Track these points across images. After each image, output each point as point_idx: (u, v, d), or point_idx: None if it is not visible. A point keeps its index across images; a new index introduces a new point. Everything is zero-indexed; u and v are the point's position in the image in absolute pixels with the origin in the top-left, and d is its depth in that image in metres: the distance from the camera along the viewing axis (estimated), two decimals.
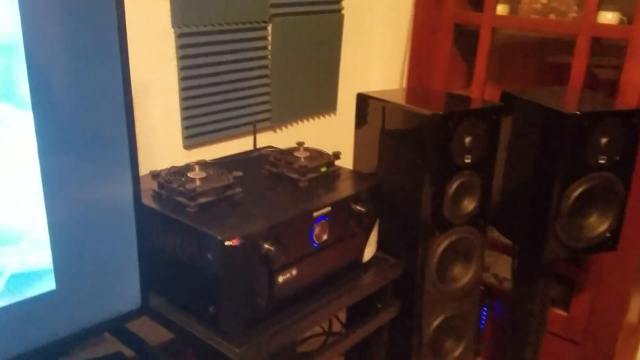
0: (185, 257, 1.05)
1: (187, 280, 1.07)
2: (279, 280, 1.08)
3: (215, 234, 0.98)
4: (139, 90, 1.47)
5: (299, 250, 1.11)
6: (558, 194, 1.32)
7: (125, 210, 1.00)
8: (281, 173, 1.26)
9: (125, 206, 1.00)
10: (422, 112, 1.26)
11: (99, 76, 0.92)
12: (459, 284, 1.42)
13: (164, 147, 1.56)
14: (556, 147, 1.31)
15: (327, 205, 1.14)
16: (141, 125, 1.50)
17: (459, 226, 1.36)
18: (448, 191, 1.30)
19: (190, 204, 1.06)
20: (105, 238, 0.99)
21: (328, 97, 1.99)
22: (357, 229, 1.23)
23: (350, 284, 1.23)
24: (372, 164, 1.43)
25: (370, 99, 1.41)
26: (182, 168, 1.17)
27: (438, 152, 1.26)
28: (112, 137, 0.96)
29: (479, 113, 1.29)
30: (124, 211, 1.00)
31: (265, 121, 1.79)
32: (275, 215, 1.07)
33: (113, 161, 0.97)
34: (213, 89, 1.61)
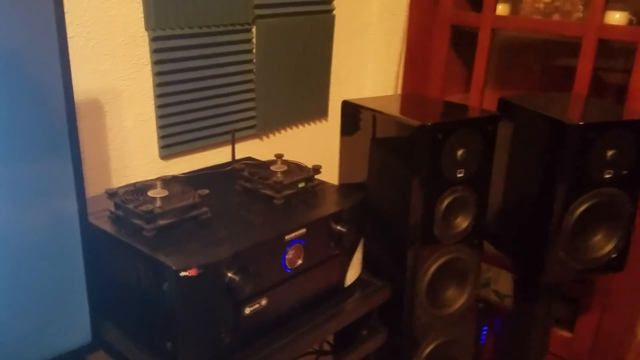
0: (141, 287, 0.95)
1: (144, 313, 0.97)
2: (246, 312, 0.98)
3: (169, 263, 0.88)
4: (111, 98, 1.38)
5: (269, 277, 1.00)
6: (559, 211, 1.21)
7: (69, 233, 0.90)
8: (255, 189, 1.16)
9: (70, 229, 0.90)
10: (410, 123, 1.15)
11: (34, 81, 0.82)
12: (453, 307, 1.31)
13: (139, 158, 1.47)
14: (558, 160, 1.19)
15: (301, 226, 1.03)
16: (113, 134, 1.41)
17: (451, 245, 1.25)
18: (439, 208, 1.19)
19: (147, 227, 0.96)
20: (47, 265, 0.89)
21: (318, 103, 1.88)
22: (337, 251, 1.12)
23: (329, 312, 1.12)
24: (358, 177, 1.33)
25: (357, 107, 1.30)
26: (142, 185, 1.06)
27: (427, 166, 1.15)
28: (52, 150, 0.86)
29: (472, 123, 1.17)
30: (69, 235, 0.90)
31: (249, 129, 1.69)
32: (242, 239, 0.97)
33: (53, 177, 0.87)
34: (191, 95, 1.50)
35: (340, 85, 1.95)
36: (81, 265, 0.94)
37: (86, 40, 1.28)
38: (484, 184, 1.24)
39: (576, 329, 1.65)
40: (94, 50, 1.30)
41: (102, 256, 1.00)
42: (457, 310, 1.31)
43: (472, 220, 1.25)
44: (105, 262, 1.00)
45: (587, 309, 1.61)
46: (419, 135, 1.13)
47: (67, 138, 0.89)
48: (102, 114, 1.38)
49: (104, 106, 1.38)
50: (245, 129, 1.67)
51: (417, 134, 1.13)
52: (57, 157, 0.87)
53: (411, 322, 1.25)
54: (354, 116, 1.31)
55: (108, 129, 1.40)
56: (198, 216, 1.03)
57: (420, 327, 1.27)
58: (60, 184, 0.88)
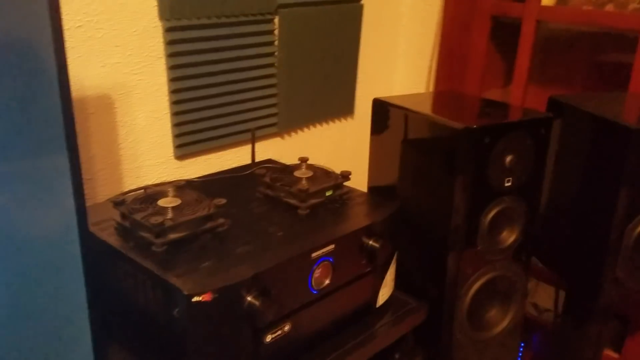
0: (148, 309, 0.83)
1: (151, 337, 0.85)
2: (267, 340, 0.86)
3: (181, 286, 0.76)
4: (122, 93, 1.27)
5: (293, 300, 0.88)
6: (620, 225, 1.07)
7: (68, 245, 0.79)
8: (277, 197, 1.04)
9: (69, 240, 0.79)
10: (453, 125, 1.01)
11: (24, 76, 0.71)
12: (496, 330, 1.17)
13: (152, 158, 1.36)
14: (617, 169, 1.05)
15: (330, 242, 0.91)
16: (125, 133, 1.30)
17: (496, 262, 1.12)
18: (483, 221, 1.06)
19: (156, 241, 0.85)
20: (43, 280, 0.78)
21: (344, 100, 1.75)
22: (369, 268, 1.00)
23: (359, 337, 1.00)
24: (389, 183, 1.20)
25: (390, 106, 1.17)
26: (152, 193, 0.95)
27: (472, 173, 1.02)
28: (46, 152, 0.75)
29: (523, 126, 1.04)
30: (67, 247, 0.78)
31: (270, 127, 1.57)
32: (263, 257, 0.85)
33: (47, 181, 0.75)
34: (208, 91, 1.39)
35: (368, 81, 1.82)
36: (82, 280, 0.83)
37: (94, 30, 1.17)
38: (535, 194, 1.11)
39: (625, 349, 1.50)
40: (103, 41, 1.19)
41: (106, 271, 0.89)
42: (500, 334, 1.18)
43: (519, 234, 1.12)
44: (110, 278, 0.89)
45: (637, 328, 1.47)
46: (463, 140, 1.00)
47: (64, 139, 0.77)
48: (112, 111, 1.28)
49: (115, 102, 1.28)
50: (265, 127, 1.56)
51: (461, 137, 1.00)
52: (52, 160, 0.76)
53: (450, 346, 1.13)
54: (386, 115, 1.18)
55: (119, 127, 1.30)
56: (214, 229, 0.91)
57: (460, 351, 1.14)
58: (56, 189, 0.77)
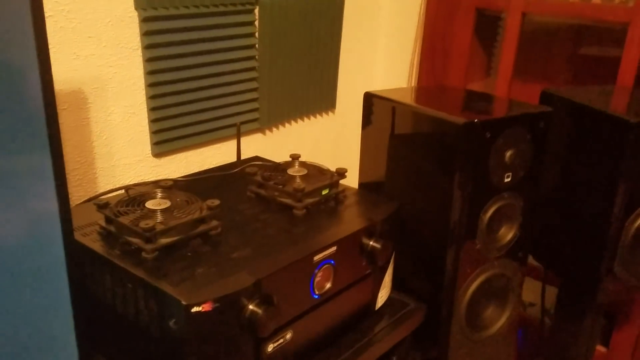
0: (140, 321, 0.77)
1: (145, 352, 0.79)
2: (269, 350, 0.81)
3: (178, 296, 0.70)
4: (96, 88, 1.19)
5: (295, 307, 0.83)
6: (618, 220, 1.06)
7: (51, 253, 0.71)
8: (271, 197, 0.98)
9: (51, 247, 0.71)
10: (453, 120, 0.98)
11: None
12: (492, 329, 1.15)
13: (129, 156, 1.28)
14: (615, 164, 1.04)
15: (332, 244, 0.86)
16: (99, 129, 1.22)
17: (493, 260, 1.09)
18: (483, 218, 1.03)
19: (146, 247, 0.78)
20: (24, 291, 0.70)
21: (326, 94, 1.70)
22: (369, 270, 0.96)
23: (360, 342, 0.96)
24: (382, 181, 1.16)
25: (382, 100, 1.13)
26: (138, 195, 0.88)
27: (472, 170, 0.98)
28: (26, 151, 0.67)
29: (524, 120, 1.01)
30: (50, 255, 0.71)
31: (252, 122, 1.51)
32: (263, 262, 0.79)
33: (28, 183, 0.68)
34: (187, 85, 1.32)
35: (350, 75, 1.78)
36: (65, 291, 0.76)
37: (66, 20, 1.09)
38: (532, 189, 1.08)
39: (612, 343, 1.51)
40: (76, 32, 1.11)
41: (91, 280, 0.82)
42: (497, 332, 1.15)
43: (517, 231, 1.09)
44: (95, 288, 0.82)
45: (625, 322, 1.47)
46: (463, 135, 0.96)
47: (46, 135, 0.70)
48: (85, 106, 1.20)
49: (88, 97, 1.19)
50: (247, 122, 1.49)
51: (461, 133, 0.96)
52: (33, 160, 0.69)
53: (447, 347, 1.09)
54: (378, 110, 1.14)
55: (93, 123, 1.21)
56: (207, 232, 0.85)
57: (457, 351, 1.11)
58: (37, 191, 0.70)
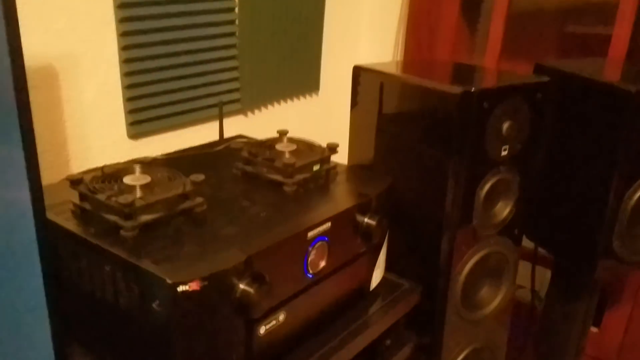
0: (121, 304, 0.70)
1: (125, 337, 0.73)
2: (261, 332, 0.75)
3: (162, 274, 0.64)
4: (67, 64, 1.12)
5: (289, 286, 0.78)
6: (615, 196, 1.03)
7: (22, 234, 0.65)
8: (259, 174, 0.92)
9: (23, 228, 0.65)
10: (449, 90, 0.93)
11: None
12: (488, 309, 1.11)
13: (103, 138, 1.21)
14: (614, 135, 1.01)
15: (326, 220, 0.81)
16: (71, 109, 1.15)
17: (489, 238, 1.06)
18: (479, 193, 0.99)
19: (125, 225, 0.72)
20: None
21: (309, 75, 1.65)
22: (364, 248, 0.91)
23: (355, 324, 0.91)
24: (374, 160, 1.11)
25: (371, 73, 1.07)
26: (116, 170, 0.82)
27: (468, 142, 0.94)
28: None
29: (522, 90, 0.97)
30: (20, 235, 0.65)
31: (234, 103, 1.45)
32: (254, 238, 0.74)
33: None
34: (165, 61, 1.25)
35: (333, 56, 1.72)
36: (38, 275, 0.70)
37: None
38: (530, 162, 1.04)
39: (604, 324, 1.49)
40: (46, 3, 1.04)
41: (66, 263, 0.76)
42: (492, 312, 1.12)
43: (513, 207, 1.05)
44: (71, 270, 0.76)
45: (617, 302, 1.46)
46: (461, 105, 0.92)
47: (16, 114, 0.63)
48: (56, 84, 1.12)
49: (59, 74, 1.12)
50: (229, 103, 1.43)
51: (458, 103, 0.92)
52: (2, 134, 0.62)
53: (443, 327, 1.05)
54: (367, 84, 1.08)
55: (64, 102, 1.14)
56: (191, 209, 0.79)
57: (452, 332, 1.07)
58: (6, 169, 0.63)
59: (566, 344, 1.27)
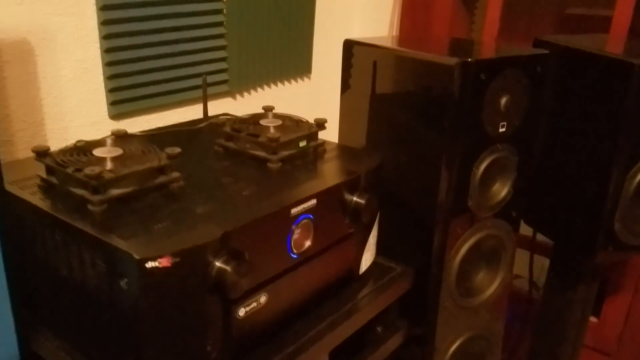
0: (88, 284, 0.65)
1: (93, 319, 0.68)
2: (240, 314, 0.70)
3: (129, 249, 0.59)
4: (43, 38, 1.07)
5: (271, 266, 0.73)
6: (618, 175, 0.98)
7: None
8: (242, 150, 0.87)
9: None
10: (445, 61, 0.88)
11: None
12: (484, 295, 1.06)
13: (82, 117, 1.16)
14: (616, 112, 0.96)
15: (310, 197, 0.75)
16: (48, 86, 1.09)
17: (485, 220, 1.01)
18: (475, 173, 0.94)
19: (93, 199, 0.66)
20: None
21: (300, 57, 1.59)
22: (352, 229, 0.86)
23: (343, 308, 0.86)
24: (365, 138, 1.05)
25: (363, 46, 1.02)
26: (87, 144, 0.76)
27: (464, 117, 0.89)
28: None
29: (521, 62, 0.92)
30: None
31: (221, 84, 1.39)
32: (232, 214, 0.69)
33: None
34: (148, 38, 1.20)
35: (325, 33, 1.66)
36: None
37: None
38: (529, 140, 0.99)
39: (603, 313, 1.44)
40: None
41: (30, 240, 0.70)
42: (489, 299, 1.07)
43: (511, 187, 1.00)
44: (35, 248, 0.70)
45: (617, 292, 1.41)
46: (457, 77, 0.86)
47: None
48: (32, 59, 1.07)
49: (35, 49, 1.07)
50: (216, 84, 1.38)
51: (454, 75, 0.86)
52: None
53: (437, 315, 1.01)
54: (359, 58, 1.03)
55: (41, 79, 1.09)
56: (167, 184, 0.74)
57: (447, 319, 1.02)
58: None
59: (565, 333, 1.22)
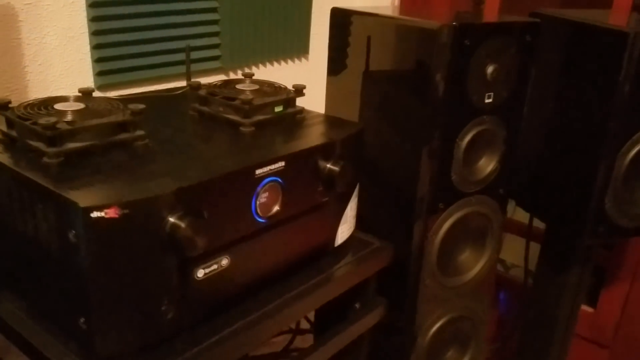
0: (39, 238, 0.63)
1: (47, 276, 0.66)
2: (198, 275, 0.68)
3: (76, 198, 0.57)
4: (28, 4, 1.05)
5: (233, 228, 0.70)
6: (609, 152, 0.94)
7: None
8: (215, 114, 0.85)
9: None
10: (427, 26, 0.85)
11: None
12: (468, 275, 1.03)
13: (67, 86, 1.15)
14: (609, 84, 0.91)
15: (278, 159, 0.73)
16: (32, 52, 1.08)
17: (470, 196, 0.97)
18: (459, 145, 0.91)
19: (49, 151, 0.65)
20: None
21: (298, 36, 1.56)
22: (326, 197, 0.83)
23: (314, 279, 0.83)
24: (351, 112, 1.03)
25: (350, 13, 0.99)
26: (52, 98, 0.75)
27: (447, 85, 0.86)
28: None
29: (508, 29, 0.88)
30: None
31: (212, 60, 1.37)
32: (191, 171, 0.66)
33: None
34: (136, 8, 1.18)
35: (323, 17, 1.63)
36: None
37: None
38: (517, 114, 0.96)
39: (600, 303, 1.40)
40: None
41: None
42: (473, 279, 1.04)
43: (498, 162, 0.97)
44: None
45: (614, 279, 1.36)
46: (439, 40, 0.83)
47: None
48: (15, 25, 1.06)
49: (19, 14, 1.06)
50: (206, 60, 1.36)
51: (436, 39, 0.83)
52: None
53: (417, 293, 0.97)
54: (346, 27, 1.00)
55: (25, 45, 1.08)
56: (129, 142, 0.72)
57: (428, 300, 0.99)
58: None
59: (555, 320, 1.18)
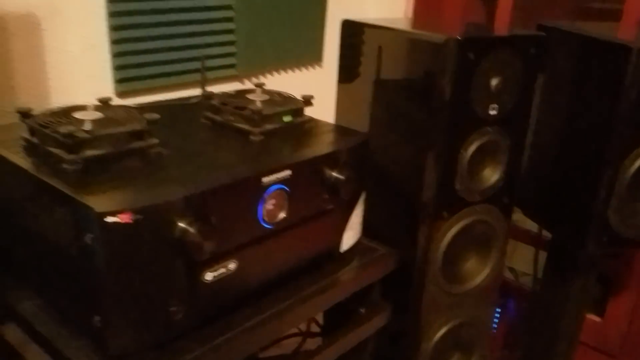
0: (59, 240, 0.67)
1: (65, 276, 0.70)
2: (207, 278, 0.71)
3: (92, 204, 0.61)
4: (49, 12, 1.10)
5: (240, 233, 0.73)
6: (613, 163, 0.95)
7: None
8: (226, 122, 0.88)
9: None
10: (431, 39, 0.87)
11: None
12: (472, 283, 1.05)
13: (88, 93, 1.19)
14: (614, 96, 0.93)
15: (285, 167, 0.76)
16: (54, 59, 1.13)
17: (475, 205, 0.99)
18: (463, 155, 0.93)
19: (68, 158, 0.69)
20: None
21: (312, 44, 1.59)
22: (332, 205, 0.86)
23: (319, 283, 0.86)
24: (359, 122, 1.05)
25: (360, 26, 1.02)
26: (70, 107, 0.79)
27: (452, 96, 0.88)
28: None
29: (513, 43, 0.90)
30: None
31: (228, 68, 1.41)
32: (200, 178, 0.70)
33: None
34: (157, 17, 1.22)
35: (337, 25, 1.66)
36: None
37: None
38: (521, 125, 0.98)
39: (607, 312, 1.40)
40: None
41: (9, 198, 0.73)
42: (477, 287, 1.05)
43: (503, 173, 0.99)
44: (14, 205, 0.73)
45: (621, 290, 1.37)
46: (444, 53, 0.85)
47: None
48: (38, 33, 1.10)
49: (41, 22, 1.10)
50: (222, 67, 1.39)
51: (442, 51, 0.86)
52: None
53: (421, 299, 1.00)
54: (357, 39, 1.03)
55: (47, 52, 1.12)
56: (144, 149, 0.75)
57: (433, 305, 1.01)
58: None
59: (558, 329, 1.19)
